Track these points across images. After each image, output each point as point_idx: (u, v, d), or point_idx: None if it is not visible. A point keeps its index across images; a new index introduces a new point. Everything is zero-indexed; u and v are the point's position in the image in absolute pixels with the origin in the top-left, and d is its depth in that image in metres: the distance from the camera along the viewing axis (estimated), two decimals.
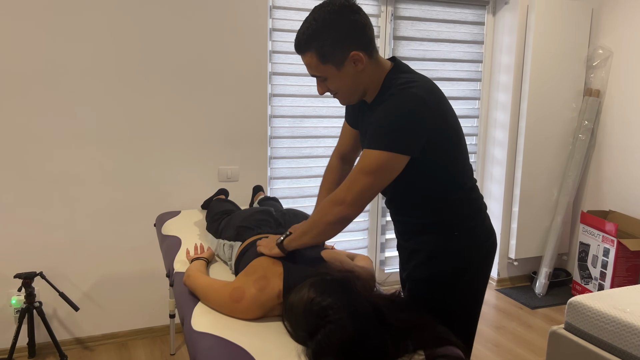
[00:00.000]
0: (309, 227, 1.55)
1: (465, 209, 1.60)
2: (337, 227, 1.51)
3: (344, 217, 1.48)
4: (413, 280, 1.67)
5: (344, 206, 1.47)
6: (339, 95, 1.57)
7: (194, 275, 1.71)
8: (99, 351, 2.86)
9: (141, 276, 2.96)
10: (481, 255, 1.63)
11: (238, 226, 1.95)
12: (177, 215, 2.68)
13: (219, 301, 1.55)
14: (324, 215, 1.51)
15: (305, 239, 1.56)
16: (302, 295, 1.39)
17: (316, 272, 1.49)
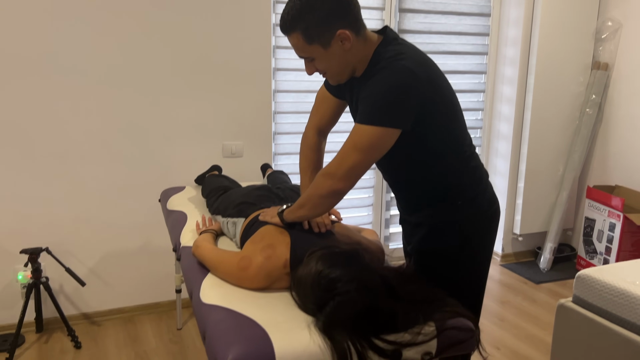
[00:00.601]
0: (304, 200, 1.55)
1: (465, 178, 1.58)
2: (330, 200, 1.50)
3: (336, 190, 1.48)
4: (419, 253, 1.66)
5: (335, 180, 1.46)
6: (327, 75, 1.55)
7: (202, 245, 1.70)
8: (106, 326, 2.88)
9: (146, 252, 2.96)
10: (485, 223, 1.63)
11: (239, 203, 1.93)
12: (181, 191, 2.66)
13: (227, 270, 1.55)
14: (316, 189, 1.50)
15: (302, 212, 1.56)
16: (310, 268, 1.38)
17: (324, 244, 1.48)
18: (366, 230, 1.86)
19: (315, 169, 1.76)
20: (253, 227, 1.71)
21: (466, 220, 1.58)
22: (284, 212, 1.61)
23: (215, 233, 1.94)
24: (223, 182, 2.40)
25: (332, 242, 1.52)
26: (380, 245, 1.72)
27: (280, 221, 1.61)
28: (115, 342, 2.71)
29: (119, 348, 2.65)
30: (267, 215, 1.67)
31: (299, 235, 1.56)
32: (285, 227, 1.60)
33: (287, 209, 1.60)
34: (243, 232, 1.78)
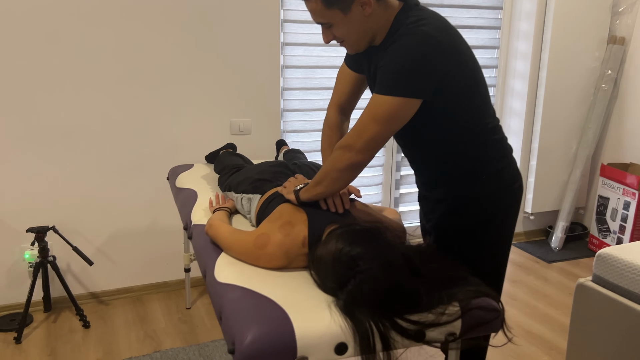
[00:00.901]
0: (322, 176, 1.49)
1: (488, 151, 1.52)
2: (349, 174, 1.45)
3: (354, 163, 1.42)
4: (439, 230, 1.61)
5: (354, 152, 1.41)
6: (345, 43, 1.47)
7: (216, 224, 1.65)
8: (114, 305, 2.85)
9: (154, 230, 2.92)
10: (509, 199, 1.57)
11: (256, 179, 1.87)
12: (190, 169, 2.61)
13: (242, 249, 1.50)
14: (334, 163, 1.45)
15: (319, 188, 1.50)
16: (330, 246, 1.33)
17: (343, 222, 1.43)
18: (387, 209, 1.81)
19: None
20: (270, 205, 1.66)
21: (490, 195, 1.53)
22: (300, 191, 1.55)
23: (229, 211, 1.89)
24: (237, 161, 2.34)
25: (352, 219, 1.47)
26: (402, 224, 1.66)
27: (294, 199, 1.56)
28: (124, 322, 2.68)
29: (128, 327, 2.63)
30: (284, 189, 1.62)
31: (315, 213, 1.51)
32: (301, 205, 1.55)
33: (303, 188, 1.55)
34: (259, 209, 1.73)
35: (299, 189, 1.56)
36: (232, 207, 1.93)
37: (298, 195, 1.55)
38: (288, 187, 1.62)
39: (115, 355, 2.39)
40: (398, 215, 1.77)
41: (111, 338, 2.53)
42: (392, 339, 1.20)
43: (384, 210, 1.80)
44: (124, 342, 2.50)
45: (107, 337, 2.54)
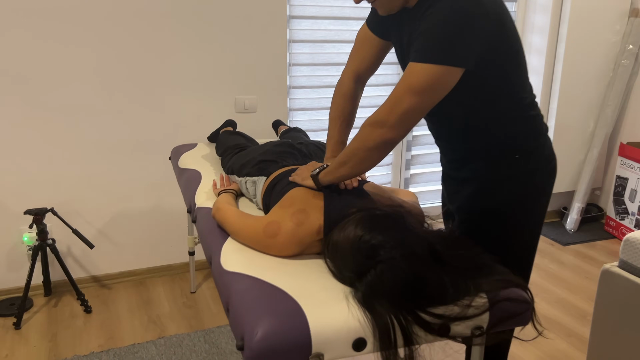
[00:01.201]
0: (348, 155, 1.36)
1: (524, 128, 1.40)
2: (380, 152, 1.32)
3: (387, 140, 1.29)
4: (465, 213, 1.50)
5: (386, 128, 1.28)
6: (377, 3, 1.34)
7: (223, 208, 1.55)
8: (117, 289, 2.77)
9: (157, 212, 2.82)
10: (543, 180, 1.46)
11: (259, 161, 1.76)
12: (193, 148, 2.50)
13: (251, 236, 1.40)
14: (363, 141, 1.32)
15: (343, 170, 1.38)
16: (348, 233, 1.22)
17: (362, 206, 1.32)
18: (401, 191, 1.70)
19: (347, 121, 1.58)
20: (277, 188, 1.55)
21: (523, 176, 1.42)
22: (320, 174, 1.44)
23: (235, 193, 1.78)
24: (239, 140, 2.22)
25: (371, 204, 1.36)
26: (420, 208, 1.56)
27: (313, 184, 1.44)
28: (127, 306, 2.60)
29: (131, 312, 2.55)
30: (298, 176, 1.51)
31: (333, 198, 1.40)
32: (317, 190, 1.44)
33: (324, 170, 1.43)
34: (265, 192, 1.62)
35: (317, 173, 1.44)
36: (238, 190, 1.82)
37: (317, 179, 1.44)
38: (301, 173, 1.51)
39: (118, 341, 2.31)
40: (415, 197, 1.66)
41: (113, 323, 2.45)
42: (414, 334, 1.10)
43: (398, 192, 1.69)
44: (127, 327, 2.42)
45: (109, 322, 2.46)
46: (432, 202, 3.62)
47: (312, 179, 1.45)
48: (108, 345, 2.28)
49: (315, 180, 1.44)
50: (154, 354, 2.21)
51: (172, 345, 2.28)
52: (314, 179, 1.44)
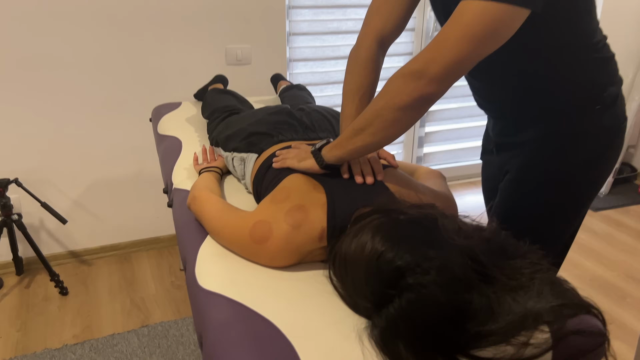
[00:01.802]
0: (368, 119, 1.02)
1: (601, 73, 1.12)
2: (414, 113, 0.98)
3: (425, 96, 0.95)
4: (519, 182, 1.22)
5: (425, 81, 0.94)
6: None
7: (201, 197, 1.22)
8: (98, 265, 2.48)
9: (142, 179, 2.49)
10: (618, 138, 1.17)
11: (250, 133, 1.42)
12: (177, 108, 2.14)
13: (235, 239, 1.08)
14: (393, 96, 0.97)
15: (361, 139, 1.04)
16: (364, 246, 0.89)
17: (381, 206, 0.99)
18: (423, 169, 1.36)
19: (367, 96, 1.22)
20: (270, 173, 1.21)
21: (599, 131, 1.13)
22: (324, 147, 1.11)
23: (220, 172, 1.45)
24: (229, 100, 1.87)
25: (392, 202, 1.02)
26: (451, 195, 1.22)
27: (314, 166, 1.11)
28: (109, 287, 2.32)
29: (112, 294, 2.27)
30: (292, 159, 1.17)
31: (338, 190, 1.07)
32: (318, 178, 1.11)
33: (330, 144, 1.10)
34: (256, 175, 1.29)
35: (321, 146, 1.12)
36: (223, 167, 1.49)
37: (320, 155, 1.11)
38: (297, 153, 1.18)
39: (96, 331, 2.04)
40: (442, 179, 1.32)
41: (92, 308, 2.17)
42: None
43: (419, 171, 1.35)
44: (106, 313, 2.15)
45: (87, 307, 2.18)
46: (483, 183, 3.29)
47: (314, 156, 1.11)
48: (84, 336, 2.01)
49: (318, 156, 1.11)
50: (136, 347, 1.94)
51: (156, 335, 2.01)
52: (316, 156, 1.11)
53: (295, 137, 1.38)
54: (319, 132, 1.44)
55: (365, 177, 1.11)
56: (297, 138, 1.38)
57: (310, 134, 1.42)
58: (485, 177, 1.43)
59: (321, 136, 1.41)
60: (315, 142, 1.39)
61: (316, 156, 1.11)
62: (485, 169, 1.43)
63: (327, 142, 1.12)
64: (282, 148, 1.28)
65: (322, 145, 1.12)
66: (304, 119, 1.48)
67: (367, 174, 1.12)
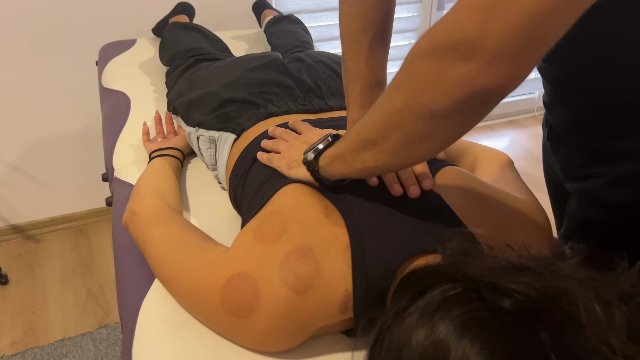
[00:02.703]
0: (377, 128, 0.55)
1: None
2: (462, 120, 0.50)
3: (482, 90, 0.45)
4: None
5: (482, 60, 0.43)
6: None
7: (145, 213, 0.77)
8: (48, 240, 2.05)
9: (94, 137, 2.01)
10: None
11: (223, 100, 0.95)
12: (129, 49, 1.65)
13: (198, 304, 0.65)
14: (418, 91, 0.49)
15: (370, 157, 0.58)
16: (443, 347, 0.48)
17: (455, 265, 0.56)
18: (480, 151, 0.91)
19: (380, 35, 0.75)
20: (256, 176, 0.77)
21: None
22: (322, 155, 0.65)
23: (181, 156, 1.00)
24: (195, 40, 1.38)
25: (469, 248, 0.58)
26: (536, 202, 0.77)
27: (308, 175, 0.67)
28: (60, 272, 1.90)
29: (63, 282, 1.85)
30: (281, 159, 0.73)
31: (365, 216, 0.63)
32: (330, 194, 0.66)
33: (333, 147, 0.64)
34: (234, 170, 0.84)
35: (315, 154, 0.66)
36: (186, 146, 1.03)
37: (317, 167, 0.66)
38: (285, 149, 0.74)
39: (41, 335, 1.64)
40: (512, 166, 0.88)
41: (38, 303, 1.76)
42: None
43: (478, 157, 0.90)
44: (56, 309, 1.74)
45: (31, 300, 1.77)
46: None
47: (307, 168, 0.67)
48: (25, 343, 1.61)
49: (313, 170, 0.66)
50: (91, 357, 1.55)
51: (117, 340, 1.61)
52: (311, 168, 0.66)
53: (293, 107, 0.92)
54: (328, 97, 0.98)
55: (406, 186, 0.67)
56: (294, 108, 0.92)
57: (314, 100, 0.96)
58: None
59: (331, 105, 0.94)
60: (326, 115, 0.93)
61: (311, 168, 0.67)
62: None
63: (328, 141, 0.66)
64: (277, 127, 0.83)
65: (323, 149, 0.66)
66: (304, 76, 1.00)
67: (407, 179, 0.68)
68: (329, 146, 0.65)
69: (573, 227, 0.86)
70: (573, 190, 0.84)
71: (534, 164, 2.39)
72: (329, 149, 0.65)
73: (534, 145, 2.54)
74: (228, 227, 0.85)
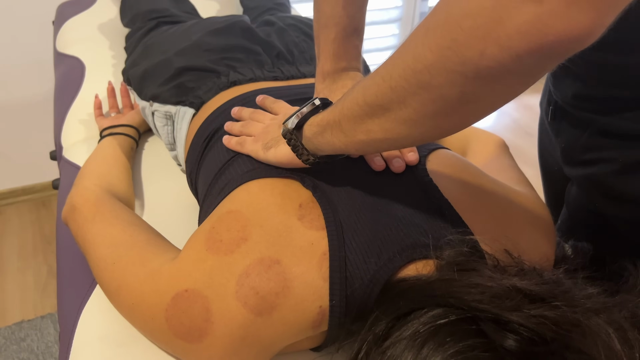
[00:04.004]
0: (392, 87, 0.42)
1: None
2: (515, 81, 0.37)
3: (559, 36, 0.32)
4: None
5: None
6: None
7: (85, 207, 0.66)
8: (7, 213, 1.93)
9: None
10: None
11: (179, 69, 0.83)
12: (88, 8, 1.49)
13: (145, 323, 0.55)
14: (463, 39, 0.35)
15: (377, 127, 0.45)
16: None
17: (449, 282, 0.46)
18: (474, 135, 0.81)
19: None
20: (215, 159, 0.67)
21: None
22: (306, 123, 0.54)
23: (136, 135, 0.89)
24: (158, 0, 1.24)
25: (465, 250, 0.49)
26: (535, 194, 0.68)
27: (294, 158, 0.56)
28: (19, 247, 1.79)
29: (23, 258, 1.74)
30: (251, 140, 0.63)
31: (354, 217, 0.54)
32: (308, 184, 0.56)
33: (316, 117, 0.53)
34: (190, 150, 0.74)
35: (298, 119, 0.54)
36: (142, 124, 0.92)
37: (299, 140, 0.55)
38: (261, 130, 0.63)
39: None
40: (506, 150, 0.79)
41: None
42: None
43: (471, 141, 0.81)
44: (14, 289, 1.64)
45: None
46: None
47: (287, 141, 0.56)
48: None
49: (295, 143, 0.55)
50: (51, 342, 1.46)
51: None
52: (292, 141, 0.55)
53: (259, 74, 0.81)
54: (301, 63, 0.87)
55: (388, 159, 0.58)
56: (261, 77, 0.81)
57: (286, 69, 0.85)
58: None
59: (304, 72, 0.83)
60: (296, 81, 0.82)
61: (292, 141, 0.55)
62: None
63: (312, 108, 0.54)
64: (240, 99, 0.72)
65: (308, 113, 0.54)
66: (274, 39, 0.89)
67: (396, 162, 0.59)
68: (316, 112, 0.54)
69: (576, 221, 0.77)
70: (576, 176, 0.76)
71: (523, 136, 2.30)
72: (319, 115, 0.52)
73: (522, 116, 2.45)
74: (188, 218, 0.74)
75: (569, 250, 0.65)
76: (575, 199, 0.76)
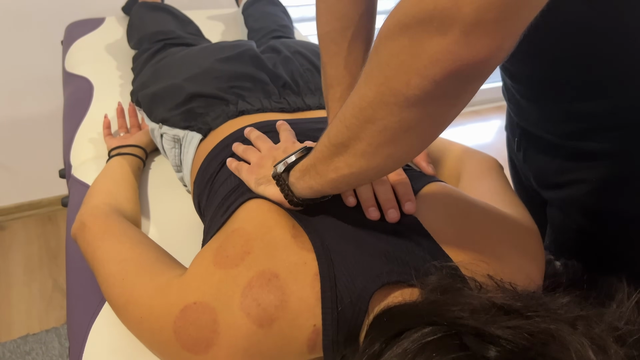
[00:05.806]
0: (348, 127, 0.48)
1: None
2: (443, 104, 0.43)
3: (463, 66, 0.38)
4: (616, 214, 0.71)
5: (459, 31, 0.37)
6: None
7: (95, 225, 0.70)
8: (13, 228, 1.96)
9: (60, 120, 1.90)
10: None
11: (189, 95, 0.86)
12: (97, 28, 1.54)
13: (150, 335, 0.58)
14: (391, 76, 0.42)
15: (343, 164, 0.50)
16: None
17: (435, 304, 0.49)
18: (467, 155, 0.84)
19: (363, 35, 0.68)
20: (222, 184, 0.70)
21: None
22: (294, 169, 0.58)
23: (144, 155, 0.92)
24: (164, 22, 1.28)
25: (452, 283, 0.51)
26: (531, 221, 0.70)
27: (278, 193, 0.60)
28: (25, 261, 1.81)
29: (28, 272, 1.76)
30: (247, 169, 0.66)
31: (336, 240, 0.57)
32: (295, 214, 0.60)
33: (305, 160, 0.57)
34: (199, 174, 0.77)
35: (286, 167, 0.59)
36: (149, 143, 0.95)
37: (287, 182, 0.59)
38: (256, 160, 0.66)
39: (2, 332, 1.56)
40: (501, 173, 0.81)
41: (0, 296, 1.68)
42: None
43: (464, 163, 0.83)
44: (19, 302, 1.66)
45: None
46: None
47: (277, 183, 0.59)
48: None
49: (283, 186, 0.59)
50: (55, 356, 1.48)
51: None
52: (281, 183, 0.59)
53: (267, 104, 0.84)
54: (306, 94, 0.90)
55: (385, 209, 0.61)
56: (267, 105, 0.84)
57: (292, 100, 0.88)
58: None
59: (309, 103, 0.87)
60: (303, 114, 0.85)
61: (281, 184, 0.59)
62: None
63: (302, 153, 0.59)
64: (249, 129, 0.75)
65: (294, 161, 0.59)
66: (280, 69, 0.92)
67: (386, 202, 0.61)
68: (299, 159, 0.58)
69: (562, 241, 0.80)
70: (554, 199, 0.79)
71: None
72: (301, 162, 0.58)
73: None
74: (193, 238, 0.77)
75: (560, 268, 0.68)
76: (557, 220, 0.79)
